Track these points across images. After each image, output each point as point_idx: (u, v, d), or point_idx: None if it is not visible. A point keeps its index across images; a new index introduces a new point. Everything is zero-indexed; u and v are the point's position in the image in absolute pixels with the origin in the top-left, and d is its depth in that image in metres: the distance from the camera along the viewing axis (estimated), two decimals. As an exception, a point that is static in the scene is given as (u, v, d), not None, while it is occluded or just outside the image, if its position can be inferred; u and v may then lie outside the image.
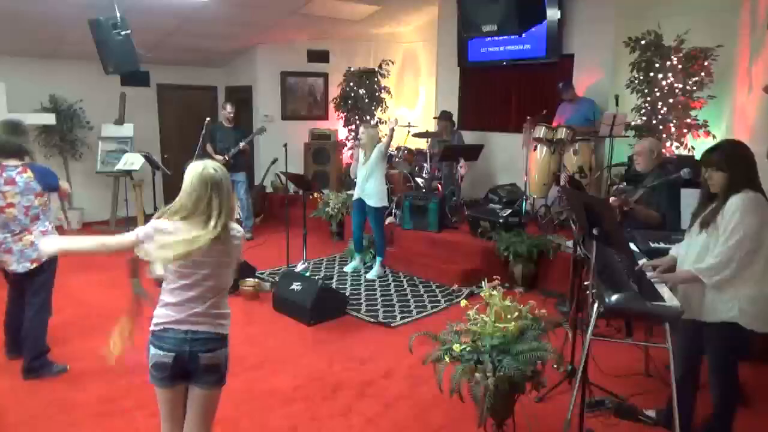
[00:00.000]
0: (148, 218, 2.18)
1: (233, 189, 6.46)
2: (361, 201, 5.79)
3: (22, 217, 3.51)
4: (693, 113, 5.57)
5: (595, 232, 2.69)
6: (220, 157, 6.66)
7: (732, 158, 2.60)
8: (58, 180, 3.66)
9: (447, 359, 2.70)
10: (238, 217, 7.57)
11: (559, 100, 6.59)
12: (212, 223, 2.14)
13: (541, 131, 6.26)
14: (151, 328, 2.23)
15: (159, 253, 2.11)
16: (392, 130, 5.63)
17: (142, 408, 3.24)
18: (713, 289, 2.58)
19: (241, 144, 6.99)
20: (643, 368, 3.72)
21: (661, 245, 3.30)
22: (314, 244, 6.55)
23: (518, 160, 6.89)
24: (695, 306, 2.66)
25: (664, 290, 2.67)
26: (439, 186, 6.99)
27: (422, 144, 7.67)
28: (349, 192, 6.34)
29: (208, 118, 6.98)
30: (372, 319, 4.75)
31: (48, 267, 3.65)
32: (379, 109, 8.60)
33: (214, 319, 2.23)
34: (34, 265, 3.56)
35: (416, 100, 9.40)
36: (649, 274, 2.81)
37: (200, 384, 2.24)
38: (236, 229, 2.26)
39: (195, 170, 2.18)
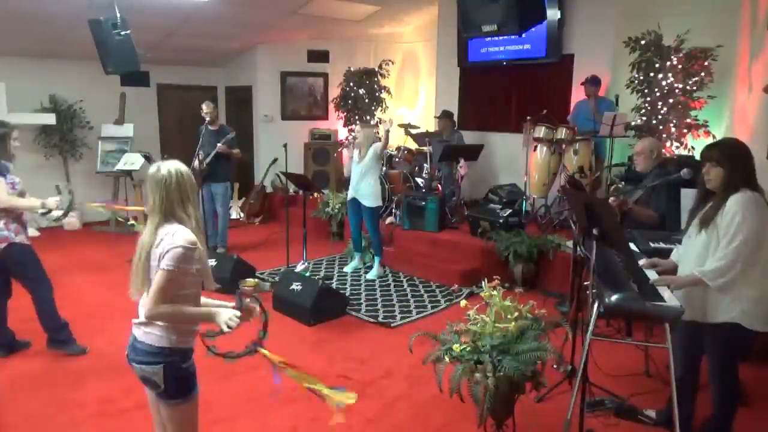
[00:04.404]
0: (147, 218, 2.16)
1: (210, 201, 6.39)
2: (355, 201, 5.78)
3: None
4: (693, 113, 5.57)
5: (595, 232, 2.69)
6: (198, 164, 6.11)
7: (732, 156, 2.61)
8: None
9: (447, 359, 2.70)
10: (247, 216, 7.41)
11: (585, 98, 6.44)
12: (150, 222, 2.08)
13: (541, 131, 6.25)
14: None
15: None
16: (387, 132, 5.62)
17: (142, 408, 3.23)
18: (715, 290, 2.57)
19: (219, 145, 6.15)
20: (643, 368, 3.72)
21: (661, 245, 3.30)
22: (314, 244, 6.55)
23: (518, 160, 6.89)
24: (697, 307, 2.66)
25: (664, 290, 2.67)
26: (439, 186, 6.99)
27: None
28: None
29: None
30: (372, 319, 4.75)
31: (10, 261, 3.69)
32: (379, 109, 8.60)
33: (153, 330, 2.08)
34: None
35: (416, 100, 9.40)
36: (652, 275, 2.81)
37: (155, 395, 2.15)
38: (163, 234, 2.05)
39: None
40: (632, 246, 3.21)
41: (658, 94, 5.59)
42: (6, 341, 3.95)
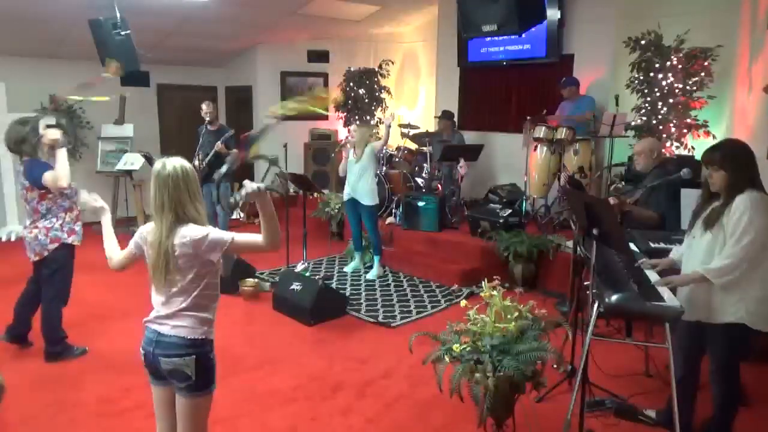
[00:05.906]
0: (148, 218, 2.17)
1: (209, 201, 6.37)
2: (353, 200, 5.78)
3: (28, 209, 3.76)
4: (693, 113, 5.57)
5: (595, 232, 2.69)
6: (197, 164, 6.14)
7: (733, 158, 2.60)
8: (43, 175, 3.59)
9: (447, 359, 2.70)
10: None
11: (560, 98, 6.57)
12: (160, 221, 2.09)
13: (541, 131, 6.25)
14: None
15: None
16: (388, 128, 5.62)
17: (141, 408, 3.23)
18: (720, 290, 2.56)
19: (218, 145, 6.12)
20: (643, 368, 3.72)
21: (661, 245, 3.30)
22: (314, 244, 6.55)
23: (518, 160, 6.88)
24: (701, 307, 2.65)
25: (664, 290, 2.67)
26: (439, 186, 6.99)
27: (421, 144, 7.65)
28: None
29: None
30: (372, 319, 4.75)
31: (53, 262, 3.79)
32: (379, 109, 8.60)
33: (180, 323, 2.11)
34: (37, 258, 3.77)
35: (416, 100, 9.40)
36: (654, 277, 2.81)
37: (176, 390, 2.16)
38: (186, 231, 2.08)
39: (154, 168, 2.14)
40: (632, 246, 3.21)
41: (658, 94, 5.59)
42: (19, 331, 3.98)
